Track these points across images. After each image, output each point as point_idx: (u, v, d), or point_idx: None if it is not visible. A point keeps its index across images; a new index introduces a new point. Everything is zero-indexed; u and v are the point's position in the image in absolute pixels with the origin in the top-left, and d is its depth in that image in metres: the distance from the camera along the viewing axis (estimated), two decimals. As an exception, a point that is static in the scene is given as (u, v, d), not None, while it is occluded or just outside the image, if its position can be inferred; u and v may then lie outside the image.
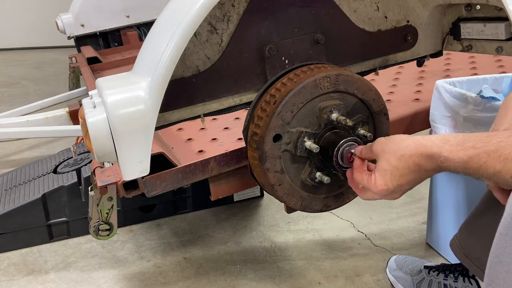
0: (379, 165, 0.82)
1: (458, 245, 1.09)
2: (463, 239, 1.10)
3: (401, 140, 0.79)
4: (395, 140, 0.80)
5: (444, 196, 1.41)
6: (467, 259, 1.06)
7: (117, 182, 1.04)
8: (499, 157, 0.65)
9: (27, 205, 1.66)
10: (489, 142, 0.67)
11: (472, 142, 0.70)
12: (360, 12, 1.08)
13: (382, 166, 0.81)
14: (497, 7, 1.05)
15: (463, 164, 0.69)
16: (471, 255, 1.05)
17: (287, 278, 1.43)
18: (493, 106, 1.12)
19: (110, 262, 1.58)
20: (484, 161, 0.67)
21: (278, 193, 0.98)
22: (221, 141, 1.34)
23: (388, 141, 0.82)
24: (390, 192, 0.82)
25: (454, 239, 1.12)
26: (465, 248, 1.07)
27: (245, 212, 1.84)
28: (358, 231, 1.65)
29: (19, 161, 2.50)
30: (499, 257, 0.59)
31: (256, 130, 0.94)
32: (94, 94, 0.87)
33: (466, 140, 0.71)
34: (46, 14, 4.82)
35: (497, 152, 0.66)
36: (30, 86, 4.15)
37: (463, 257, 1.07)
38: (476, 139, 0.69)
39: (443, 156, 0.72)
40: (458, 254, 1.09)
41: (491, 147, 0.67)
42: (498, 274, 0.59)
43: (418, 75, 1.77)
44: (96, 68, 2.57)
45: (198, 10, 0.82)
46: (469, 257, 1.06)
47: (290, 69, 0.99)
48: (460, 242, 1.10)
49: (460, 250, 1.08)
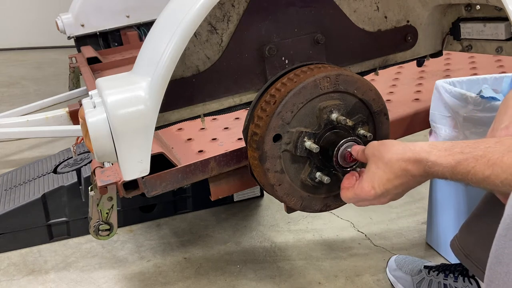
0: (367, 168, 0.84)
1: (458, 245, 1.09)
2: (463, 239, 1.10)
3: (391, 145, 0.80)
4: (386, 145, 0.81)
5: (444, 196, 1.42)
6: (467, 260, 1.06)
7: (117, 182, 1.04)
8: (487, 162, 0.66)
9: (27, 205, 1.66)
10: (477, 147, 0.68)
11: (459, 147, 0.70)
12: (360, 12, 1.08)
13: (371, 169, 0.82)
14: (497, 7, 1.05)
15: (451, 168, 0.70)
16: (471, 256, 1.05)
17: (287, 278, 1.43)
18: (493, 106, 1.12)
19: (110, 262, 1.58)
20: (473, 166, 0.67)
21: (278, 193, 0.98)
22: (221, 141, 1.34)
23: (379, 145, 0.83)
24: (377, 196, 0.82)
25: (455, 239, 1.12)
26: (465, 248, 1.07)
27: (245, 212, 1.84)
28: (358, 231, 1.65)
29: (19, 161, 2.50)
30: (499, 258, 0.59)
31: (256, 130, 0.94)
32: (94, 94, 0.87)
33: (454, 146, 0.72)
34: (46, 14, 4.81)
35: (485, 157, 0.66)
36: (30, 86, 4.15)
37: (463, 258, 1.07)
38: (464, 145, 0.70)
39: (430, 161, 0.73)
40: (458, 254, 1.09)
41: (479, 152, 0.67)
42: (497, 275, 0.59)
43: (418, 75, 1.77)
44: (96, 68, 2.57)
45: (198, 10, 0.82)
46: (469, 258, 1.06)
47: (290, 69, 0.99)
48: (460, 242, 1.10)
49: (460, 251, 1.08)
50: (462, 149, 0.70)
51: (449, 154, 0.71)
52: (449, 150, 0.71)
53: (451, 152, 0.71)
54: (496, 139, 0.68)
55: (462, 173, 0.69)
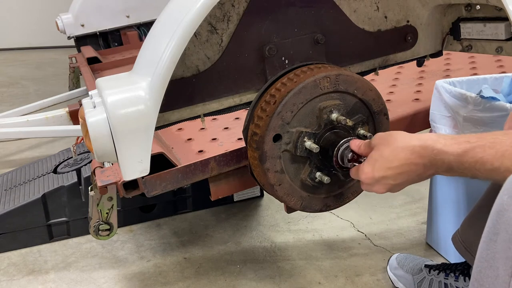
0: (371, 154, 0.84)
1: (460, 239, 1.10)
2: (464, 232, 1.10)
3: (397, 134, 0.81)
4: (392, 135, 0.82)
5: (444, 196, 1.42)
6: (467, 252, 1.06)
7: (117, 182, 1.04)
8: (496, 154, 0.66)
9: (27, 205, 1.66)
10: (484, 138, 0.68)
11: (466, 137, 0.71)
12: (360, 12, 1.08)
13: (374, 155, 0.83)
14: (497, 7, 1.05)
15: (458, 157, 0.70)
16: (471, 248, 1.05)
17: (287, 278, 1.43)
18: (493, 106, 1.12)
19: (110, 262, 1.58)
20: (480, 156, 0.67)
21: (278, 193, 0.98)
22: (221, 141, 1.34)
23: (387, 135, 0.83)
24: (374, 181, 0.83)
25: (456, 234, 1.12)
26: (465, 242, 1.08)
27: (245, 212, 1.84)
28: (358, 231, 1.65)
29: (19, 161, 2.50)
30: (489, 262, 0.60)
31: (256, 130, 0.94)
32: (94, 94, 0.87)
33: (461, 136, 0.72)
34: (46, 14, 4.81)
35: (493, 148, 0.66)
36: (30, 86, 4.15)
37: (463, 250, 1.07)
38: (470, 136, 0.71)
39: (436, 149, 0.73)
40: (458, 247, 1.09)
41: (486, 142, 0.67)
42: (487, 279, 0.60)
43: (418, 75, 1.77)
44: (96, 68, 2.57)
45: (198, 10, 0.82)
46: (469, 250, 1.06)
47: (290, 69, 0.99)
48: (461, 235, 1.10)
49: (461, 244, 1.09)
50: (469, 138, 0.70)
51: (455, 143, 0.71)
52: (456, 139, 0.72)
53: (457, 141, 0.71)
54: (503, 132, 0.68)
55: (470, 162, 0.69)
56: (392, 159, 0.79)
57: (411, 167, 0.77)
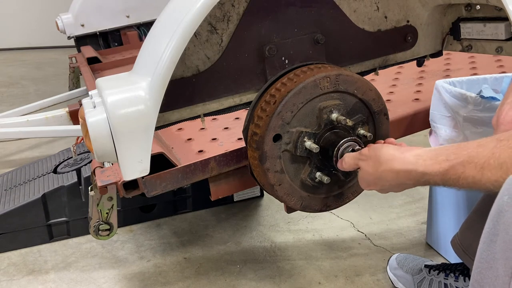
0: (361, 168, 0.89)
1: (458, 242, 1.10)
2: (463, 235, 1.10)
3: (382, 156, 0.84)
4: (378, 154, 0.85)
5: (444, 196, 1.41)
6: (465, 255, 1.07)
7: (117, 182, 1.04)
8: (475, 167, 0.68)
9: (27, 205, 1.66)
10: (460, 153, 0.70)
11: (444, 155, 0.73)
12: (360, 12, 1.08)
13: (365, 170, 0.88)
14: (497, 7, 1.05)
15: (441, 176, 0.73)
16: (469, 251, 1.06)
17: (287, 278, 1.43)
18: (493, 106, 1.12)
19: (110, 262, 1.58)
20: (462, 171, 0.69)
21: (278, 193, 0.98)
22: (221, 141, 1.34)
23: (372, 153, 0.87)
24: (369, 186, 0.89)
25: (455, 237, 1.13)
26: (464, 244, 1.08)
27: (245, 212, 1.84)
28: (358, 231, 1.65)
29: (19, 161, 2.50)
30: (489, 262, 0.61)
31: (256, 130, 0.94)
32: (94, 94, 0.87)
33: (438, 154, 0.74)
34: (46, 14, 4.81)
35: (471, 162, 0.68)
36: (30, 86, 4.15)
37: (462, 253, 1.08)
38: (447, 152, 0.73)
39: (419, 172, 0.76)
40: (457, 250, 1.10)
41: (464, 158, 0.69)
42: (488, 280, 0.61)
43: (418, 75, 1.77)
44: (96, 68, 2.57)
45: (198, 10, 0.82)
46: (467, 253, 1.06)
47: (290, 69, 0.99)
48: (460, 238, 1.10)
49: (459, 246, 1.09)
50: (447, 156, 0.72)
51: (435, 163, 0.73)
52: (434, 159, 0.74)
53: (436, 161, 0.73)
54: (477, 142, 0.70)
55: (453, 179, 0.71)
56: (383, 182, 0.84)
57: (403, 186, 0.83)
